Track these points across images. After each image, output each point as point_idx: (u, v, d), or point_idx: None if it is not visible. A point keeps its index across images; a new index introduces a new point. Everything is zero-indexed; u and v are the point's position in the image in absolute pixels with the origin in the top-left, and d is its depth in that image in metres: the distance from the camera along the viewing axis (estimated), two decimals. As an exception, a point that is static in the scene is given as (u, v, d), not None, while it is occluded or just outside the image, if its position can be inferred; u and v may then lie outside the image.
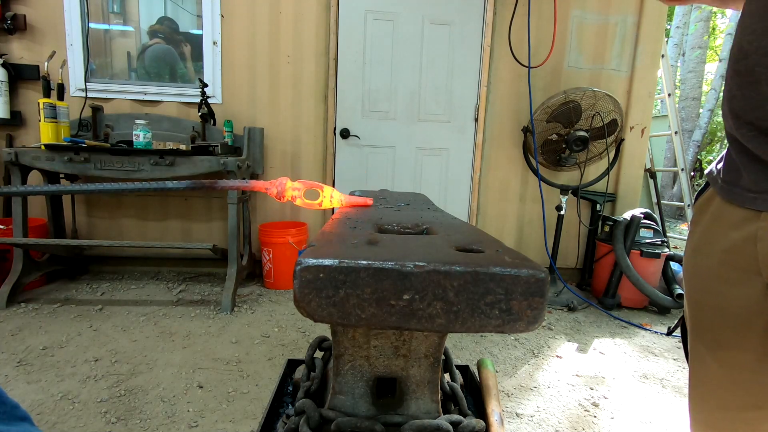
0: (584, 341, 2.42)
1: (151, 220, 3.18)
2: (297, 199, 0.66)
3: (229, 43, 3.04)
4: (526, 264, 0.35)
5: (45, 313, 2.41)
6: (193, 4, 3.22)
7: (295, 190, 0.65)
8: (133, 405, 1.63)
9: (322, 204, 0.67)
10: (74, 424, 1.51)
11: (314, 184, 0.67)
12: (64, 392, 1.68)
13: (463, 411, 0.51)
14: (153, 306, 2.60)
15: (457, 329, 0.34)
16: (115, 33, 3.32)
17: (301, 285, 0.33)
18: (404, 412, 0.46)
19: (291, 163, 3.22)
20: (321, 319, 0.34)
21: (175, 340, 2.17)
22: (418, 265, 0.33)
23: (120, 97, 3.03)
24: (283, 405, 0.59)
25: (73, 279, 3.00)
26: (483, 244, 0.42)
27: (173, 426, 1.53)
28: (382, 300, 0.33)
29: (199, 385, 1.78)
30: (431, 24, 3.14)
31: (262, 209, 3.26)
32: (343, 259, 0.33)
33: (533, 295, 0.34)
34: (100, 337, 2.15)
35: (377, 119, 3.23)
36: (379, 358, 0.45)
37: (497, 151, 3.35)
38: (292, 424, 0.45)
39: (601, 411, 1.77)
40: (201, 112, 2.79)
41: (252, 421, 1.58)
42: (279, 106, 3.14)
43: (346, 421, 0.43)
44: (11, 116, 2.88)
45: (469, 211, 3.43)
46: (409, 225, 0.53)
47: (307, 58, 3.10)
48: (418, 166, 3.34)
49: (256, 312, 2.58)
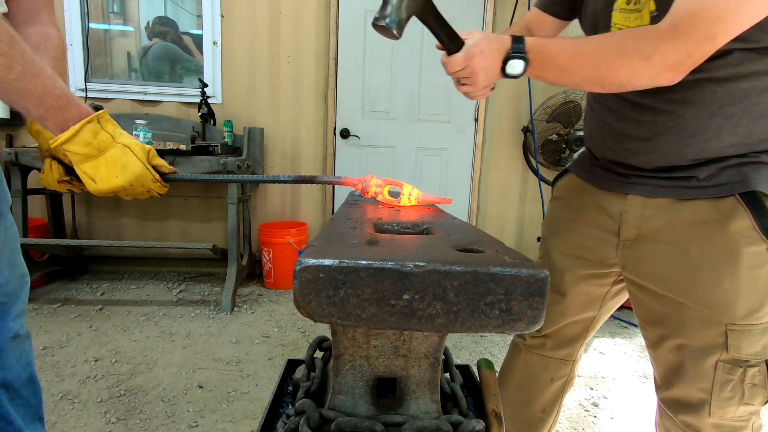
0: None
1: (150, 220, 3.18)
2: (379, 195, 0.70)
3: (229, 43, 3.04)
4: (526, 264, 0.35)
5: (45, 313, 2.41)
6: (193, 4, 3.22)
7: (377, 186, 0.70)
8: (133, 405, 1.63)
9: (400, 201, 0.70)
10: (74, 424, 1.51)
11: (395, 182, 0.70)
12: (64, 392, 1.68)
13: (463, 411, 0.51)
14: (153, 306, 2.60)
15: (457, 329, 0.34)
16: (115, 33, 3.32)
17: (301, 285, 0.33)
18: (404, 412, 0.46)
19: (291, 163, 3.22)
20: (321, 319, 0.34)
21: (175, 340, 2.17)
22: (418, 265, 0.33)
23: (120, 97, 3.03)
24: (283, 405, 0.59)
25: (73, 279, 3.00)
26: (483, 244, 0.42)
27: (173, 426, 1.53)
28: (382, 300, 0.33)
29: (199, 385, 1.78)
30: (431, 24, 3.14)
31: (262, 209, 3.26)
32: (343, 259, 0.33)
33: (533, 295, 0.34)
34: (100, 337, 2.15)
35: (377, 119, 3.23)
36: (379, 358, 0.45)
37: (497, 151, 3.35)
38: (292, 424, 0.45)
39: (601, 411, 1.77)
40: (201, 112, 2.79)
41: (252, 421, 1.58)
42: (279, 106, 3.14)
43: (346, 421, 0.43)
44: (11, 116, 2.88)
45: (469, 211, 3.43)
46: (409, 225, 0.53)
47: (307, 58, 3.10)
48: (418, 166, 3.34)
49: (256, 312, 2.58)
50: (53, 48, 0.80)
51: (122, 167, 0.62)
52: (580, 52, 0.67)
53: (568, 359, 1.06)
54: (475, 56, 0.69)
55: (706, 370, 0.75)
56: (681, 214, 0.76)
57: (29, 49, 0.57)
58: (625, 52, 0.63)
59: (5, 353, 0.83)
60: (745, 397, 0.74)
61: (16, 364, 0.85)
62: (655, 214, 0.79)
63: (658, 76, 0.63)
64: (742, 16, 0.58)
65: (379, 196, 0.71)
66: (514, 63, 0.68)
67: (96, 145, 0.60)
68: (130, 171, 0.62)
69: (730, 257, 0.71)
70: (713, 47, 0.60)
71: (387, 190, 0.70)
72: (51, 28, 0.82)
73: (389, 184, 0.71)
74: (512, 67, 0.69)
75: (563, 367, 1.06)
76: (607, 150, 0.86)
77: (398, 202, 0.71)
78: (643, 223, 0.80)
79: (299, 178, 0.70)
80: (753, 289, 0.71)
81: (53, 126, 0.59)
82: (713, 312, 0.73)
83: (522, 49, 0.68)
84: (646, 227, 0.80)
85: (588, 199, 0.92)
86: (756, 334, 0.73)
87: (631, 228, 0.83)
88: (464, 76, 0.72)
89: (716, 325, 0.73)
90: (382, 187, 0.70)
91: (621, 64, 0.63)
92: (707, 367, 0.75)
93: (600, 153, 0.89)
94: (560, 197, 1.03)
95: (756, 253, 0.70)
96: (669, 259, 0.77)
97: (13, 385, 0.85)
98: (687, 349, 0.78)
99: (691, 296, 0.75)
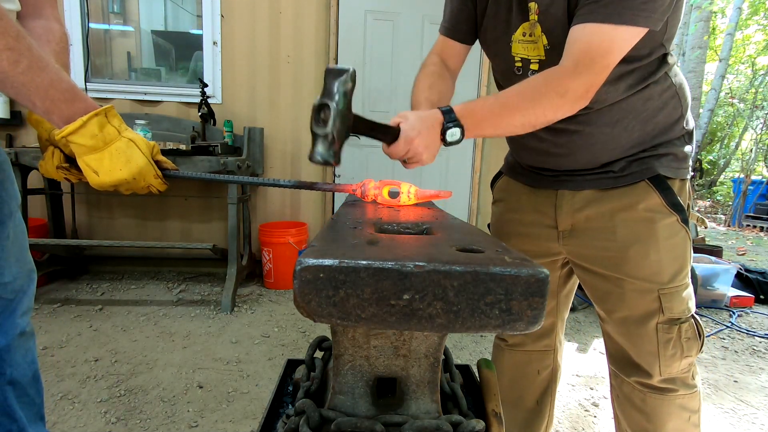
0: (584, 341, 2.42)
1: (150, 220, 3.18)
2: (378, 197, 0.72)
3: (229, 43, 3.04)
4: (526, 264, 0.35)
5: (45, 313, 2.41)
6: (193, 4, 3.23)
7: (376, 189, 0.71)
8: (133, 405, 1.63)
9: (400, 201, 0.72)
10: (74, 424, 1.51)
11: (393, 182, 0.72)
12: (64, 392, 1.68)
13: (463, 411, 0.51)
14: (153, 306, 2.60)
15: (457, 329, 0.34)
16: (115, 33, 3.32)
17: (301, 285, 0.33)
18: (404, 412, 0.46)
19: (291, 163, 3.22)
20: (321, 319, 0.34)
21: (175, 340, 2.17)
22: (418, 265, 0.33)
23: (120, 97, 3.03)
24: (283, 405, 0.59)
25: (73, 279, 3.00)
26: (483, 244, 0.42)
27: (173, 426, 1.53)
28: (382, 300, 0.33)
29: (199, 385, 1.78)
30: (431, 24, 3.14)
31: (262, 209, 3.26)
32: (343, 259, 0.33)
33: (533, 295, 0.34)
34: (100, 337, 2.15)
35: (377, 119, 3.22)
36: (379, 358, 0.45)
37: (497, 151, 3.34)
38: (292, 424, 0.45)
39: (601, 411, 1.77)
40: (201, 112, 2.78)
41: (252, 421, 1.58)
42: (279, 106, 3.14)
43: (346, 421, 0.43)
44: (11, 116, 2.88)
45: (469, 211, 3.42)
46: (409, 225, 0.53)
47: (307, 58, 3.10)
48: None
49: (256, 312, 2.58)
50: (56, 42, 0.81)
51: (126, 160, 0.62)
52: (506, 105, 0.75)
53: (548, 349, 1.15)
54: (413, 139, 0.73)
55: (650, 334, 0.87)
56: (604, 202, 0.89)
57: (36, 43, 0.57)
58: (544, 95, 0.73)
59: (13, 350, 0.82)
60: (684, 350, 0.86)
61: (23, 362, 0.85)
62: (584, 205, 0.91)
63: (574, 105, 0.75)
64: (622, 43, 0.71)
65: (379, 198, 0.71)
66: (452, 132, 0.74)
67: (102, 137, 0.61)
68: (134, 164, 0.63)
69: (649, 232, 0.84)
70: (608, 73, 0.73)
71: (386, 191, 0.71)
72: (54, 23, 0.82)
73: (387, 185, 0.71)
74: (451, 135, 0.74)
75: (545, 357, 1.16)
76: (533, 161, 0.99)
77: (398, 202, 0.71)
78: (575, 213, 0.93)
79: (299, 184, 0.70)
80: (672, 255, 0.85)
81: (59, 119, 0.59)
82: (645, 282, 0.86)
83: (454, 118, 0.74)
84: (578, 217, 0.92)
85: (525, 198, 1.03)
86: (681, 293, 0.86)
87: (566, 219, 0.94)
88: (409, 158, 0.76)
89: (650, 292, 0.86)
90: (380, 189, 0.70)
91: (542, 105, 0.74)
92: (650, 330, 0.87)
93: (524, 161, 1.02)
94: (500, 199, 1.12)
95: (669, 225, 0.84)
96: (602, 242, 0.90)
97: (20, 383, 0.84)
98: (630, 319, 0.89)
99: (625, 271, 0.87)
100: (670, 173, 0.85)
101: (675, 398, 0.89)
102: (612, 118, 0.84)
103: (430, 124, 0.74)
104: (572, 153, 0.89)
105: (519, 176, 1.05)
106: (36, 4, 0.81)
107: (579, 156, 0.89)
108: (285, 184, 0.71)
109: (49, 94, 0.57)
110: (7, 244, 0.79)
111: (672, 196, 0.84)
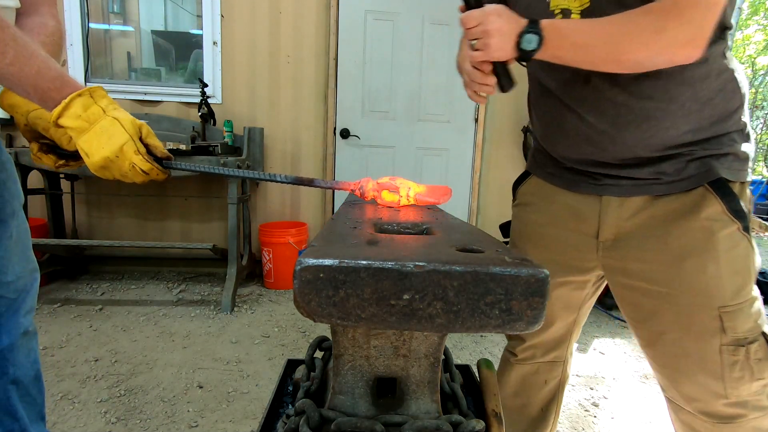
0: (584, 341, 2.42)
1: (150, 220, 3.18)
2: (377, 198, 0.70)
3: (229, 43, 3.04)
4: (526, 264, 0.35)
5: (45, 313, 2.41)
6: (193, 4, 3.23)
7: (374, 191, 0.70)
8: (133, 405, 1.63)
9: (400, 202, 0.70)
10: (74, 424, 1.51)
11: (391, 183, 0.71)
12: (64, 392, 1.68)
13: (463, 411, 0.50)
14: (153, 306, 2.60)
15: (457, 329, 0.34)
16: (115, 33, 3.32)
17: (301, 285, 0.33)
18: (404, 412, 0.46)
19: (291, 163, 3.22)
20: (321, 319, 0.34)
21: (175, 340, 2.17)
22: (418, 265, 0.33)
23: (120, 97, 3.03)
24: (283, 405, 0.59)
25: (73, 279, 3.00)
26: (483, 244, 0.42)
27: (173, 426, 1.53)
28: (382, 300, 0.33)
29: (199, 385, 1.78)
30: (431, 24, 3.14)
31: (262, 209, 3.26)
32: (343, 259, 0.33)
33: (533, 295, 0.34)
34: (100, 337, 2.15)
35: (377, 119, 3.23)
36: (379, 358, 0.45)
37: (497, 151, 3.35)
38: (292, 424, 0.45)
39: (601, 411, 1.77)
40: (201, 112, 2.79)
41: (252, 421, 1.58)
42: (279, 106, 3.14)
43: (346, 421, 0.43)
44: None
45: (469, 211, 3.42)
46: (409, 225, 0.53)
47: (307, 58, 3.10)
48: (418, 166, 3.34)
49: (256, 312, 2.58)
50: (46, 34, 0.80)
51: (108, 137, 0.62)
52: (594, 29, 0.67)
53: (558, 360, 1.07)
54: (491, 14, 0.68)
55: (712, 356, 0.76)
56: (657, 209, 0.79)
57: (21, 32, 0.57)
58: (637, 26, 0.64)
59: (16, 349, 0.82)
60: (754, 373, 0.75)
61: (25, 361, 0.85)
62: (632, 213, 0.81)
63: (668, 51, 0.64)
64: None
65: (378, 199, 0.70)
66: (529, 37, 0.68)
67: (86, 117, 0.61)
68: (115, 141, 0.62)
69: (707, 243, 0.74)
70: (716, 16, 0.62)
71: (385, 191, 0.70)
72: (50, 19, 0.82)
73: (386, 185, 0.71)
74: (527, 41, 0.68)
75: (555, 368, 1.08)
76: (569, 151, 0.86)
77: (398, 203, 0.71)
78: (621, 222, 0.82)
79: (297, 180, 0.70)
80: (734, 268, 0.74)
81: (53, 107, 0.60)
82: (703, 298, 0.75)
83: (537, 26, 0.68)
84: (625, 226, 0.82)
85: (560, 202, 0.92)
86: (746, 310, 0.75)
87: (610, 228, 0.84)
88: (478, 36, 0.70)
89: (708, 309, 0.75)
90: (379, 189, 0.70)
91: (635, 39, 0.64)
92: (712, 352, 0.76)
93: (560, 152, 0.89)
94: (527, 203, 1.03)
95: (730, 235, 0.74)
96: (652, 254, 0.79)
97: (22, 382, 0.84)
98: (687, 340, 0.78)
99: (679, 286, 0.77)
100: (731, 176, 0.74)
101: (746, 422, 0.78)
102: (667, 93, 0.73)
103: (513, 18, 0.69)
104: (618, 130, 0.77)
105: (554, 178, 0.93)
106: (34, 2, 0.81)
107: (627, 135, 0.76)
108: (283, 179, 0.70)
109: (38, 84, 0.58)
110: (10, 243, 0.79)
111: (734, 202, 0.73)
